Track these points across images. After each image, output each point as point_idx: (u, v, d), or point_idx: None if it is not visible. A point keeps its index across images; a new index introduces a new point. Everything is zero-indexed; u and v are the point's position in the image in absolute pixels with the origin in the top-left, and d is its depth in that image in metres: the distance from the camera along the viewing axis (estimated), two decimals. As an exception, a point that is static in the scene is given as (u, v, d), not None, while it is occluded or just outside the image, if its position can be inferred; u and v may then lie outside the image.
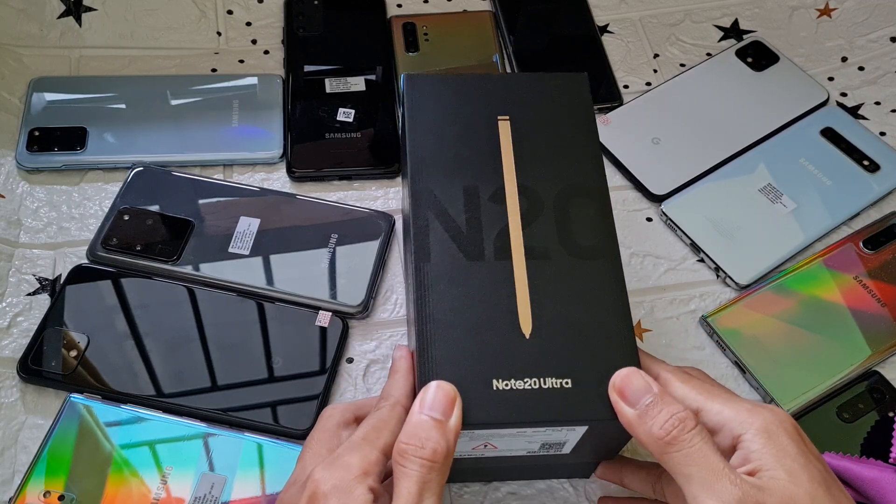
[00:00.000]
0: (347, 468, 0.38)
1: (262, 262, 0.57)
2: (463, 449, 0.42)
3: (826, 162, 0.63)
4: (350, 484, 0.37)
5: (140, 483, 0.47)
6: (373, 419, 0.40)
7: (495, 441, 0.41)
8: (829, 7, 0.74)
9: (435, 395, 0.38)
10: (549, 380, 0.40)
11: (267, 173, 0.63)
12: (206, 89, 0.66)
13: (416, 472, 0.36)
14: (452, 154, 0.46)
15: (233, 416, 0.50)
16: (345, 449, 0.39)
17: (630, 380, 0.39)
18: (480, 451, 0.42)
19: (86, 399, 0.50)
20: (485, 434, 0.40)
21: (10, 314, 0.55)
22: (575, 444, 0.42)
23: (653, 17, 0.73)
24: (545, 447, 0.42)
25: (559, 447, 0.42)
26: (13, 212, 0.59)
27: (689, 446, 0.37)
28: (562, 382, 0.40)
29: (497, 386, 0.39)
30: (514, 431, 0.40)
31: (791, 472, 0.36)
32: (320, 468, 0.38)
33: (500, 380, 0.40)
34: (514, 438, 0.41)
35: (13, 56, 0.67)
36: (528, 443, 0.42)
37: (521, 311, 0.41)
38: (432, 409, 0.38)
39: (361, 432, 0.40)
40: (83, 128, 0.62)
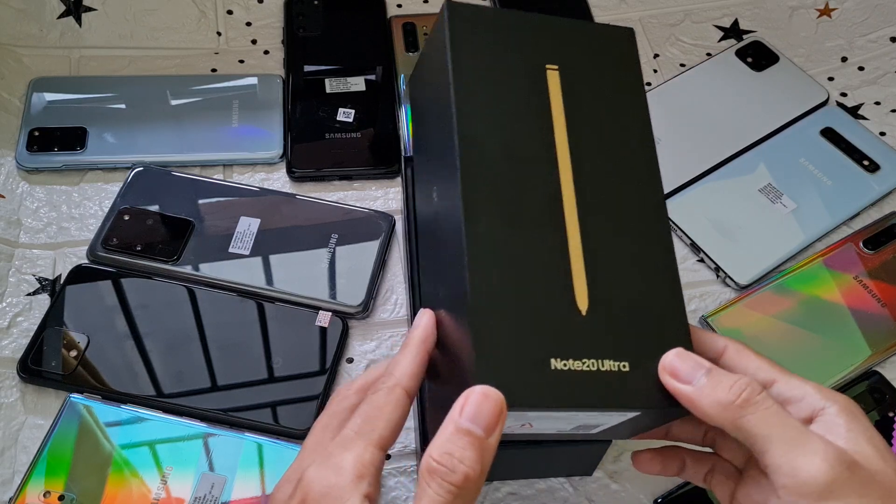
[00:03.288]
0: (340, 471, 0.34)
1: (263, 263, 0.57)
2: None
3: (826, 162, 0.63)
4: (342, 492, 0.34)
5: (140, 483, 0.47)
6: (367, 405, 0.36)
7: (537, 422, 0.37)
8: (829, 7, 0.74)
9: (481, 404, 0.33)
10: (607, 362, 0.36)
11: (267, 173, 0.63)
12: (206, 89, 0.66)
13: (440, 498, 0.32)
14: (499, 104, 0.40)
15: (233, 417, 0.50)
16: (337, 446, 0.35)
17: (680, 359, 0.36)
18: (514, 430, 0.38)
19: (86, 399, 0.50)
20: (535, 416, 0.36)
21: (10, 314, 0.55)
22: (610, 427, 0.39)
23: (653, 17, 0.73)
24: (580, 428, 0.39)
25: (593, 428, 0.39)
26: (13, 212, 0.59)
27: (765, 408, 0.35)
28: (619, 365, 0.36)
29: (555, 365, 0.35)
30: (565, 414, 0.36)
31: (878, 450, 0.35)
32: (313, 468, 0.35)
33: (559, 359, 0.35)
34: (557, 420, 0.37)
35: (13, 56, 0.67)
36: (567, 424, 0.38)
37: (576, 286, 0.37)
38: (475, 421, 0.33)
39: (354, 424, 0.36)
40: (83, 128, 0.62)
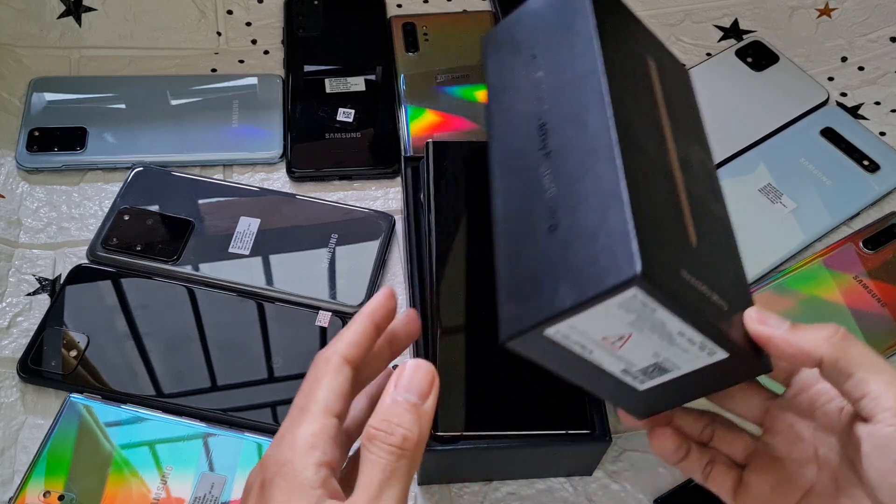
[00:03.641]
0: (292, 446, 0.34)
1: (262, 262, 0.57)
2: (595, 336, 0.37)
3: (826, 162, 0.63)
4: (296, 464, 0.34)
5: (140, 483, 0.47)
6: (306, 380, 0.37)
7: (636, 338, 0.37)
8: (829, 7, 0.74)
9: (412, 375, 0.36)
10: (715, 295, 0.37)
11: (267, 173, 0.63)
12: (206, 89, 0.66)
13: (382, 460, 0.34)
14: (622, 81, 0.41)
15: (233, 416, 0.50)
16: (288, 424, 0.36)
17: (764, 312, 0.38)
18: (604, 345, 0.38)
19: (86, 399, 0.50)
20: (655, 321, 0.36)
21: (10, 314, 0.55)
22: (680, 376, 0.39)
23: (653, 17, 0.73)
24: (647, 370, 0.39)
25: (654, 376, 0.40)
26: (13, 212, 0.59)
27: (862, 344, 0.36)
28: (722, 303, 0.37)
29: (685, 276, 0.36)
30: (677, 329, 0.36)
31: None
32: (269, 449, 0.35)
33: (688, 272, 0.36)
34: (653, 342, 0.37)
35: (13, 56, 0.67)
36: (652, 355, 0.38)
37: (688, 220, 0.39)
38: (408, 390, 0.35)
39: (299, 400, 0.36)
40: (83, 128, 0.62)
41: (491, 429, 0.45)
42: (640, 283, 0.34)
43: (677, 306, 0.35)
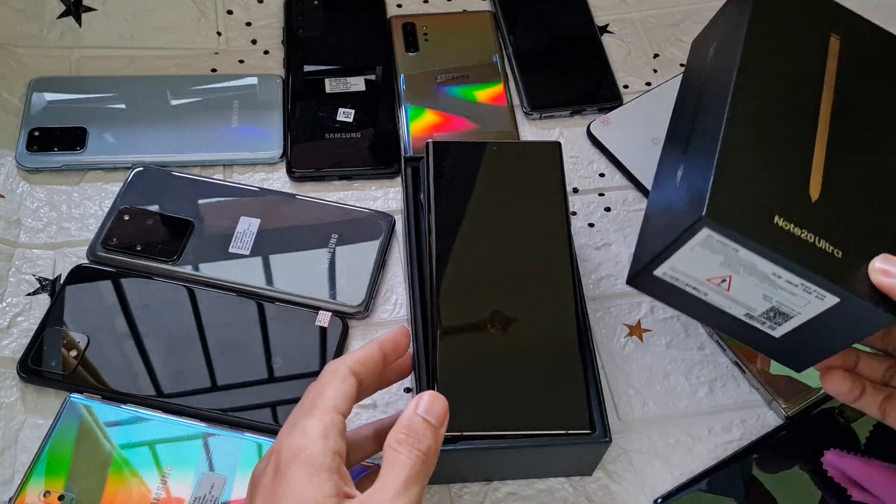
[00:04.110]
0: (305, 433, 0.38)
1: (263, 263, 0.57)
2: (700, 275, 0.44)
3: (826, 162, 0.63)
4: (312, 449, 0.37)
5: (140, 483, 0.47)
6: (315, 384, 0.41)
7: (739, 279, 0.43)
8: (829, 7, 0.74)
9: (433, 402, 0.40)
10: (823, 241, 0.41)
11: (267, 173, 0.63)
12: (205, 89, 0.66)
13: (410, 460, 0.37)
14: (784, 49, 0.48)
15: (233, 417, 0.50)
16: (299, 417, 0.39)
17: (888, 259, 0.41)
18: (713, 286, 0.44)
19: (86, 399, 0.50)
20: (742, 261, 0.41)
21: (10, 314, 0.55)
22: (797, 326, 0.43)
23: (653, 17, 0.73)
24: (770, 314, 0.44)
25: (781, 321, 0.44)
26: (13, 212, 0.59)
27: None
28: (834, 250, 0.41)
29: (778, 222, 0.41)
30: (770, 271, 0.41)
31: None
32: (282, 438, 0.38)
33: (783, 218, 0.41)
34: (757, 284, 0.42)
35: (13, 56, 0.67)
36: (763, 298, 0.43)
37: (813, 176, 0.43)
38: (429, 413, 0.40)
39: (308, 399, 0.40)
40: (83, 128, 0.62)
41: (491, 429, 0.45)
42: (708, 223, 0.40)
43: (755, 245, 0.40)
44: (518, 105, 0.67)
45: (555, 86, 0.68)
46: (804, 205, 0.42)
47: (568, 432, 0.45)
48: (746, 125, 0.44)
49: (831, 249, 0.41)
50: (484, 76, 0.67)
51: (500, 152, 0.53)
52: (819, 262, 0.41)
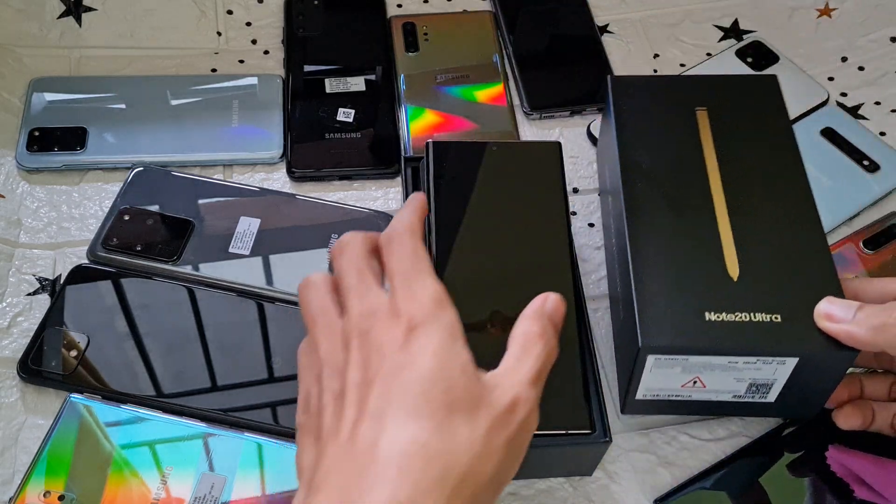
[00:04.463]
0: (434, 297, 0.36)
1: (263, 263, 0.57)
2: (673, 385, 0.45)
3: (826, 162, 0.63)
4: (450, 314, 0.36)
5: (140, 483, 0.47)
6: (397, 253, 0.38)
7: (706, 376, 0.44)
8: (829, 7, 0.74)
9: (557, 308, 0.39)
10: (759, 314, 0.43)
11: (267, 173, 0.63)
12: (205, 89, 0.66)
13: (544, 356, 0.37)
14: (655, 134, 0.51)
15: (233, 417, 0.50)
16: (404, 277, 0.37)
17: (832, 303, 0.42)
18: (689, 389, 0.45)
19: (86, 399, 0.50)
20: (698, 364, 0.43)
21: (11, 314, 0.55)
22: (782, 388, 0.45)
23: (653, 17, 0.73)
24: (752, 390, 0.45)
25: (766, 390, 0.45)
26: (13, 212, 0.59)
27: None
28: (772, 317, 0.43)
29: (709, 318, 0.43)
30: (725, 362, 0.43)
31: None
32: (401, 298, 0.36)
33: (713, 312, 0.43)
34: (724, 374, 0.44)
35: (13, 56, 0.67)
36: (736, 381, 0.44)
37: (727, 257, 0.45)
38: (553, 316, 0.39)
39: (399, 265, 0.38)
40: (83, 128, 0.62)
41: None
42: (648, 351, 0.43)
43: (696, 351, 0.42)
44: (518, 105, 0.67)
45: (555, 86, 0.68)
46: (728, 289, 0.44)
47: (568, 432, 0.45)
48: (650, 233, 0.46)
49: (769, 318, 0.43)
50: (484, 76, 0.67)
51: (500, 152, 0.53)
52: (761, 336, 0.42)
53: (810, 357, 0.43)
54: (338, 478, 0.33)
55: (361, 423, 0.34)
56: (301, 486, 0.35)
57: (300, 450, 0.36)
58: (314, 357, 0.37)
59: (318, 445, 0.35)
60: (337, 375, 0.36)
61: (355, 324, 0.36)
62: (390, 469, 0.32)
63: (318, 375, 0.37)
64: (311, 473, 0.34)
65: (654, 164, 0.50)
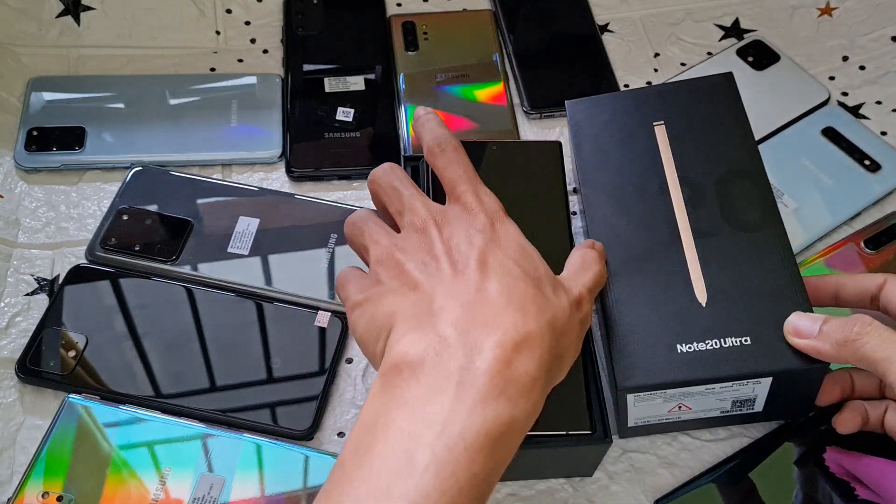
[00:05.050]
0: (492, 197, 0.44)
1: (262, 262, 0.57)
2: (659, 412, 0.47)
3: (827, 161, 0.63)
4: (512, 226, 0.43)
5: (139, 484, 0.47)
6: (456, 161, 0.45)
7: (688, 401, 0.45)
8: (830, 6, 0.74)
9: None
10: (728, 339, 0.44)
11: (266, 173, 0.63)
12: (204, 89, 0.66)
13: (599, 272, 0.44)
14: (616, 160, 0.51)
15: (232, 417, 0.50)
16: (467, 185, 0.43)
17: (799, 318, 0.43)
18: (676, 413, 0.47)
19: (84, 399, 0.50)
20: (678, 393, 0.45)
21: (9, 314, 0.54)
22: (765, 400, 0.46)
23: (653, 16, 0.73)
24: (738, 405, 0.46)
25: (751, 404, 0.46)
26: (11, 212, 0.59)
27: (877, 335, 0.41)
28: (741, 340, 0.44)
29: (681, 349, 0.44)
30: (702, 389, 0.44)
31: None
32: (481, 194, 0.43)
33: (684, 343, 0.44)
34: (705, 397, 0.45)
35: (11, 55, 0.67)
36: (719, 401, 0.46)
37: (695, 284, 0.46)
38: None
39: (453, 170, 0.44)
40: (82, 127, 0.62)
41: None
42: (627, 391, 0.44)
43: (671, 386, 0.44)
44: (518, 104, 0.67)
45: (555, 85, 0.68)
46: (697, 317, 0.45)
47: (568, 433, 0.45)
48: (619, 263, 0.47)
49: (739, 341, 0.44)
50: (484, 75, 0.67)
51: (500, 152, 0.53)
52: (732, 361, 0.43)
53: (783, 374, 0.43)
54: (456, 304, 0.37)
55: (462, 275, 0.39)
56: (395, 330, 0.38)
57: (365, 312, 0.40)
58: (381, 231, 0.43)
59: (416, 291, 0.39)
60: (417, 250, 0.41)
61: (427, 216, 0.41)
62: (507, 307, 0.37)
63: (391, 256, 0.41)
64: (412, 311, 0.38)
65: (617, 187, 0.50)
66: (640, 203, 0.49)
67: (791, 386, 0.45)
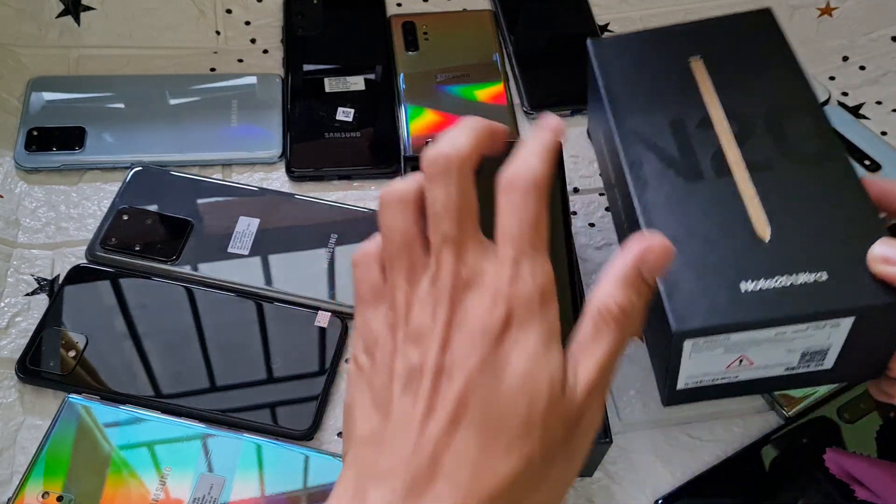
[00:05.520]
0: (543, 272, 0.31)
1: (262, 262, 0.57)
2: (716, 368, 0.40)
3: (827, 161, 0.63)
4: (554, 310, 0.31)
5: (139, 484, 0.47)
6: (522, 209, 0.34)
7: (752, 353, 0.39)
8: (830, 6, 0.74)
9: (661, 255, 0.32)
10: (801, 275, 0.37)
11: (266, 173, 0.63)
12: (204, 89, 0.66)
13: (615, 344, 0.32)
14: (650, 97, 0.45)
15: (232, 417, 0.50)
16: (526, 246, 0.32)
17: (888, 243, 0.37)
18: (735, 370, 0.40)
19: (84, 399, 0.50)
20: (742, 341, 0.38)
21: (9, 314, 0.54)
22: (839, 351, 0.39)
23: (653, 16, 0.73)
24: (806, 359, 0.40)
25: (822, 357, 0.40)
26: (11, 212, 0.59)
27: None
28: (815, 277, 0.37)
29: (746, 288, 0.37)
30: (772, 334, 0.38)
31: None
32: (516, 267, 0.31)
33: (749, 281, 0.38)
34: (772, 347, 0.39)
35: (12, 56, 0.66)
36: (787, 352, 0.39)
37: (754, 218, 0.40)
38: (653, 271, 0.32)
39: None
40: (82, 127, 0.62)
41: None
42: (684, 336, 0.37)
43: (737, 328, 0.37)
44: (518, 104, 0.67)
45: (555, 85, 0.68)
46: (762, 252, 0.39)
47: (569, 433, 0.44)
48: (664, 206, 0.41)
49: (813, 277, 0.38)
50: (484, 75, 0.67)
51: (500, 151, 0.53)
52: (808, 299, 0.37)
53: (868, 312, 0.37)
54: (399, 482, 0.29)
55: (430, 421, 0.30)
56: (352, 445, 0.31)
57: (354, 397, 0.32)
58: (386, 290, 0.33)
59: (382, 422, 0.31)
60: (415, 342, 0.31)
61: (447, 284, 0.31)
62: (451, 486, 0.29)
63: (393, 325, 0.32)
64: (368, 448, 0.31)
65: (654, 129, 0.44)
66: (685, 140, 0.43)
67: (872, 331, 0.39)
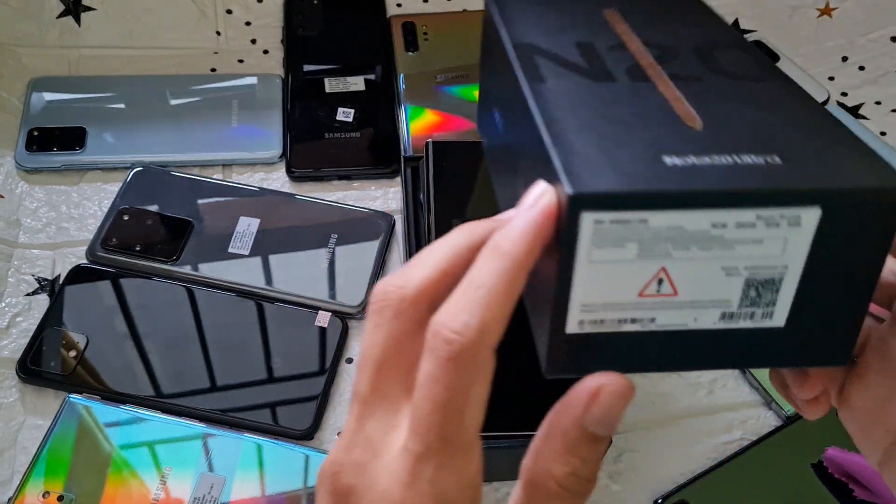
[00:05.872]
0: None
1: (262, 262, 0.57)
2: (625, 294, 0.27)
3: (826, 161, 0.63)
4: None
5: (139, 483, 0.47)
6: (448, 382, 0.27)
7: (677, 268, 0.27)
8: (830, 6, 0.74)
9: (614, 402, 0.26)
10: (747, 156, 0.27)
11: (266, 173, 0.63)
12: (205, 89, 0.66)
13: None
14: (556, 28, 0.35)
15: (232, 417, 0.50)
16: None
17: None
18: (652, 300, 0.28)
19: (85, 399, 0.50)
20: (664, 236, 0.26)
21: (10, 314, 0.55)
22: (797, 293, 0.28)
23: None
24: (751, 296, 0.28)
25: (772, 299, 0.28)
26: (12, 212, 0.59)
27: None
28: (766, 158, 0.26)
29: (671, 162, 0.26)
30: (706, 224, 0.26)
31: None
32: None
33: (675, 155, 0.26)
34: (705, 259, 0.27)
35: (12, 56, 0.67)
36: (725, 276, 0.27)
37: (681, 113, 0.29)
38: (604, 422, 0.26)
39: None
40: (82, 128, 0.62)
41: (492, 429, 0.45)
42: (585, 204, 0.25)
43: (666, 194, 0.25)
44: (518, 104, 0.67)
45: (555, 85, 0.68)
46: (692, 137, 0.28)
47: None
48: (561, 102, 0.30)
49: (764, 160, 0.26)
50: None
51: None
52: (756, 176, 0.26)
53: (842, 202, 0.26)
54: None
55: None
56: None
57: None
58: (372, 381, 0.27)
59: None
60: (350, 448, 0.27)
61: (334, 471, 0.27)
62: None
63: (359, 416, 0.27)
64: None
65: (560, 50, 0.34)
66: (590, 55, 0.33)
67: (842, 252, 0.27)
